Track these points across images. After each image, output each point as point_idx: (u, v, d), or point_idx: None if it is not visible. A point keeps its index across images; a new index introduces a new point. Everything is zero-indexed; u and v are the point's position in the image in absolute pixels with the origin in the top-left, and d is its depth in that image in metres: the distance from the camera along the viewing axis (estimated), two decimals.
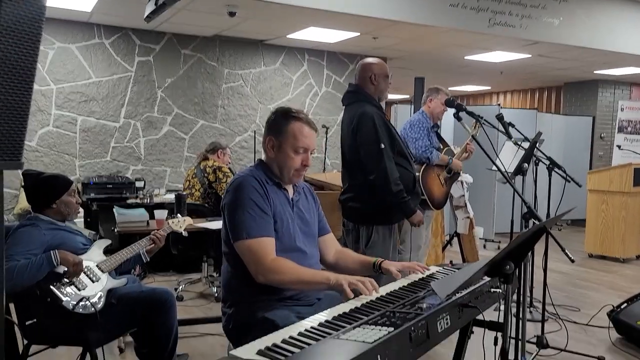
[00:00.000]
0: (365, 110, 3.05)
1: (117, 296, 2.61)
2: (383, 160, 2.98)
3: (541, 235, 1.91)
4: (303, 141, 2.08)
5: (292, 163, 2.09)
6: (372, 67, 3.18)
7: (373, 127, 3.00)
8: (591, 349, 3.63)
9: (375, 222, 3.12)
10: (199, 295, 4.79)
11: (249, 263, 1.97)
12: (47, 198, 2.64)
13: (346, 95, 3.26)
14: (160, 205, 5.32)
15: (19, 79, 1.21)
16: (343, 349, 1.28)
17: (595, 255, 6.64)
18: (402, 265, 2.14)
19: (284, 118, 2.11)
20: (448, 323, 1.64)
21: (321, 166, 7.21)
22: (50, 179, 2.69)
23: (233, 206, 2.02)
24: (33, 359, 2.89)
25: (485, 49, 7.22)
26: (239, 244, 1.98)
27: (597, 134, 9.51)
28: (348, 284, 1.81)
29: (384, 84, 3.20)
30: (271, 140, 2.12)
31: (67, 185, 2.70)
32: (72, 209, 2.71)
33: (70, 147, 6.11)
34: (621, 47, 6.90)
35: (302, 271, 1.96)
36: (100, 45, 6.22)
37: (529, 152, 3.42)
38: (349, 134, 3.13)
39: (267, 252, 1.96)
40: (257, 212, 1.99)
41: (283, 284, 1.96)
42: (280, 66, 7.33)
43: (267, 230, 2.00)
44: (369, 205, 3.09)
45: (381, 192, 3.01)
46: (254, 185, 2.03)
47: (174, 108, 6.66)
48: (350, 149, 3.14)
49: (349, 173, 3.21)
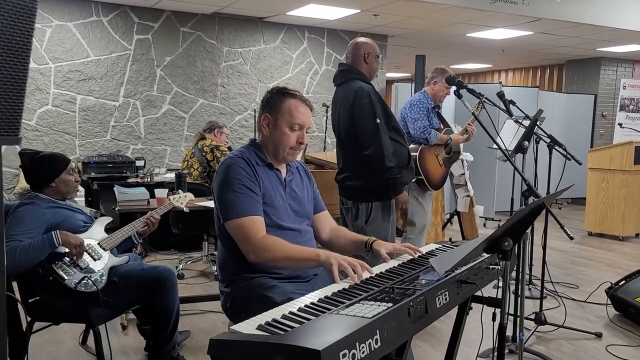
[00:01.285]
0: (361, 86, 3.06)
1: (118, 274, 2.63)
2: (379, 135, 2.99)
3: (540, 212, 1.91)
4: (299, 117, 2.08)
5: (287, 140, 2.09)
6: (365, 46, 3.19)
7: (369, 103, 3.01)
8: (589, 325, 3.66)
9: (374, 198, 3.14)
10: (200, 274, 4.83)
11: (239, 242, 1.98)
12: (45, 177, 2.64)
13: (338, 74, 3.26)
14: (160, 184, 5.34)
15: (15, 54, 1.20)
16: (342, 323, 1.29)
17: (594, 233, 6.66)
18: (393, 247, 2.12)
19: (279, 95, 2.11)
20: (447, 299, 1.65)
21: (322, 145, 7.20)
22: (48, 158, 2.69)
23: (222, 187, 2.03)
24: (36, 336, 2.94)
25: (487, 26, 7.14)
26: (229, 223, 1.99)
27: (598, 112, 9.46)
28: (338, 265, 1.77)
29: (376, 63, 3.27)
30: (267, 118, 2.12)
31: (66, 163, 2.70)
32: (71, 187, 2.71)
33: (69, 127, 6.10)
34: (624, 23, 6.83)
35: (291, 248, 1.96)
36: (98, 23, 6.16)
37: (530, 130, 3.40)
38: (344, 112, 3.13)
39: (257, 230, 1.97)
40: (246, 192, 2.00)
41: (273, 261, 1.96)
42: (280, 44, 7.27)
43: (256, 210, 2.00)
44: (366, 182, 3.10)
45: (376, 166, 3.02)
46: (242, 165, 2.03)
47: (173, 87, 6.62)
48: (346, 126, 3.13)
49: (344, 152, 3.22)
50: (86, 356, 3.10)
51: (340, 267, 1.77)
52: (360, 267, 1.77)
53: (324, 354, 1.11)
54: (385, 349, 1.31)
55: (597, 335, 3.46)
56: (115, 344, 3.22)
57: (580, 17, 6.49)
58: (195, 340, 3.33)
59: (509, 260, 1.79)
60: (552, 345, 3.34)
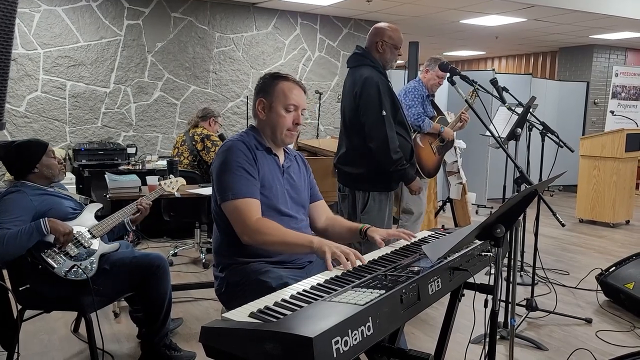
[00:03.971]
0: (370, 75, 3.00)
1: (110, 262, 2.62)
2: (384, 128, 2.94)
3: (532, 199, 1.91)
4: (293, 98, 2.10)
5: (284, 122, 2.10)
6: (382, 33, 3.10)
7: (377, 93, 2.95)
8: (579, 311, 3.70)
9: (372, 188, 3.11)
10: (192, 261, 4.82)
11: (234, 223, 1.99)
12: (26, 164, 2.60)
13: (352, 57, 3.18)
14: (152, 171, 5.31)
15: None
16: (335, 310, 1.29)
17: (585, 220, 6.71)
18: (387, 233, 2.13)
19: (272, 79, 2.14)
20: (439, 286, 1.65)
21: (315, 132, 7.18)
22: (24, 145, 2.64)
23: (221, 168, 2.04)
24: (28, 324, 2.93)
25: (481, 12, 7.11)
26: (226, 204, 2.00)
27: (590, 100, 9.49)
28: (331, 253, 1.77)
29: (391, 54, 3.13)
30: (261, 102, 2.13)
31: (44, 147, 2.66)
32: (56, 170, 2.67)
33: (59, 113, 6.03)
34: (617, 10, 6.82)
35: (286, 232, 1.96)
36: (88, 7, 6.07)
37: (523, 117, 3.40)
38: (350, 97, 3.08)
39: (253, 213, 1.97)
40: (243, 174, 2.01)
41: (266, 244, 1.96)
42: (273, 30, 7.20)
43: (252, 192, 2.01)
44: (366, 171, 3.07)
45: (381, 159, 2.99)
46: (242, 149, 2.05)
47: (164, 73, 6.56)
48: (351, 112, 3.08)
49: (347, 137, 3.16)
50: (78, 344, 3.09)
51: (334, 255, 1.77)
52: (353, 255, 1.77)
53: (316, 341, 1.11)
54: (378, 336, 1.31)
55: (587, 321, 3.49)
56: (108, 331, 3.22)
57: (573, 4, 6.48)
58: (188, 327, 3.33)
59: (501, 247, 1.79)
60: (543, 331, 3.37)
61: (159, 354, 2.73)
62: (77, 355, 2.98)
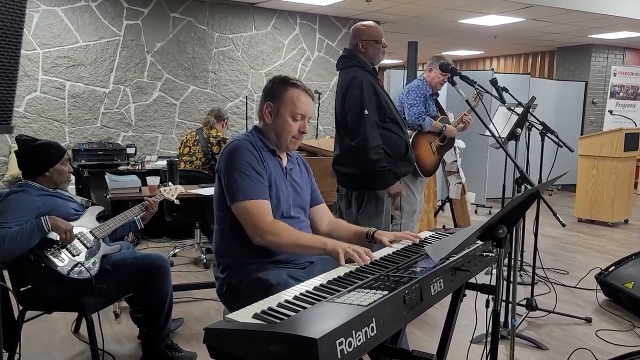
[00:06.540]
0: (356, 75, 3.02)
1: (111, 262, 2.62)
2: (364, 127, 2.95)
3: (534, 200, 1.92)
4: (301, 107, 2.10)
5: (289, 129, 2.10)
6: (359, 33, 3.12)
7: (360, 93, 2.97)
8: (579, 310, 3.71)
9: (367, 187, 3.12)
10: (192, 261, 4.82)
11: (246, 224, 1.98)
12: (40, 166, 2.61)
13: (340, 60, 3.22)
14: (152, 171, 5.30)
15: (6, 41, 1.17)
16: (339, 311, 1.29)
17: (584, 219, 6.72)
18: (394, 235, 2.15)
19: (282, 84, 2.12)
20: (441, 286, 1.65)
21: (314, 132, 7.18)
22: (45, 147, 2.66)
23: (229, 169, 2.02)
24: (29, 325, 2.92)
25: (480, 12, 7.12)
26: (236, 205, 1.99)
27: (589, 99, 9.50)
28: (344, 253, 1.81)
29: (373, 49, 3.11)
30: (269, 106, 2.12)
31: (61, 154, 2.68)
32: (65, 178, 2.69)
33: (59, 113, 6.02)
34: (615, 10, 6.83)
35: (300, 235, 1.98)
36: (87, 8, 6.07)
37: (523, 117, 3.41)
38: (339, 99, 3.12)
39: (266, 214, 1.98)
40: (253, 175, 2.00)
41: (280, 246, 1.98)
42: (272, 30, 7.20)
43: (263, 193, 2.01)
44: (359, 171, 3.09)
45: (360, 159, 3.00)
46: (249, 149, 2.05)
47: (164, 73, 6.55)
48: (340, 114, 3.13)
49: (340, 138, 3.19)
50: (79, 344, 3.09)
51: (347, 255, 1.80)
52: (365, 254, 1.81)
53: (321, 342, 1.11)
54: (381, 337, 1.32)
55: (587, 321, 3.50)
56: (108, 332, 3.22)
57: (572, 4, 6.49)
58: (189, 328, 3.33)
59: (503, 248, 1.80)
60: (543, 330, 3.38)
61: (160, 354, 2.74)
62: (78, 355, 2.98)
